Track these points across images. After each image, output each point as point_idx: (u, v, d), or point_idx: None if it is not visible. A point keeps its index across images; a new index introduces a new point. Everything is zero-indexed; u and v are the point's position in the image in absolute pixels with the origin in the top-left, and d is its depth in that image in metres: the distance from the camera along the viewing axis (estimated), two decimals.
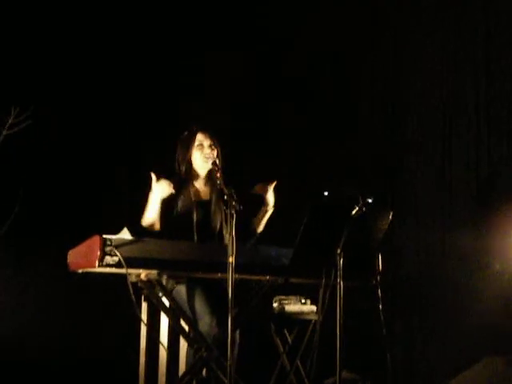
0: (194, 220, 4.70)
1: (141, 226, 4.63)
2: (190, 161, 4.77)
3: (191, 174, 4.78)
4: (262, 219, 4.80)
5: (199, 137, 4.78)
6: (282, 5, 6.56)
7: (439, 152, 6.43)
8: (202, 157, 4.74)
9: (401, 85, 6.60)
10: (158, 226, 4.60)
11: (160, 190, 4.49)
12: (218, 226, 4.74)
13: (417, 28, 6.53)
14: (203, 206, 4.77)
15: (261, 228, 4.81)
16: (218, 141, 4.82)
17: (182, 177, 4.78)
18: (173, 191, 4.55)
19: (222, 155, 4.79)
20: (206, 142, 4.78)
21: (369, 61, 6.62)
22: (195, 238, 4.66)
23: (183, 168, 4.78)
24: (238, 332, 4.45)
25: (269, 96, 6.48)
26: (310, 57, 6.55)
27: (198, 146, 4.77)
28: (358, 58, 6.58)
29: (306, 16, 6.53)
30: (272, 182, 4.77)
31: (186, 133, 4.84)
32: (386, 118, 6.64)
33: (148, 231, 4.60)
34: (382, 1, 6.61)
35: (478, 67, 6.25)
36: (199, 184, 4.82)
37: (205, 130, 4.80)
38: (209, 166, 4.71)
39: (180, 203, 4.71)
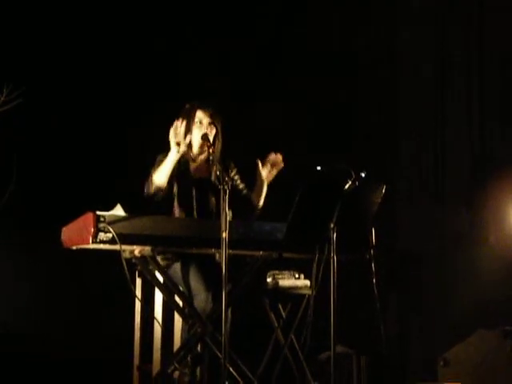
0: (194, 197, 4.69)
1: (144, 192, 4.61)
2: (188, 135, 4.72)
3: (188, 149, 4.75)
4: (259, 194, 4.79)
5: (199, 114, 4.74)
6: None
7: (433, 131, 6.44)
8: (199, 133, 4.71)
9: (397, 70, 6.61)
10: (163, 191, 4.57)
11: (178, 152, 4.47)
12: (215, 202, 4.72)
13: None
14: (202, 183, 4.76)
15: (261, 202, 4.80)
16: (219, 119, 4.78)
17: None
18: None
19: (223, 133, 4.76)
20: (206, 120, 4.75)
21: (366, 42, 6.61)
22: (195, 215, 4.66)
23: (181, 141, 4.74)
24: (229, 308, 4.45)
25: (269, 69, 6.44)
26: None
27: (197, 122, 4.74)
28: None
29: None
30: (268, 156, 4.75)
31: (186, 106, 4.79)
32: (381, 100, 6.65)
33: (146, 204, 4.59)
34: None
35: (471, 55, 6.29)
36: (198, 161, 4.80)
37: (205, 107, 4.75)
38: (201, 142, 4.69)
39: (180, 180, 4.69)
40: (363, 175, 4.24)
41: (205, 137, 4.63)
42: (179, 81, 6.08)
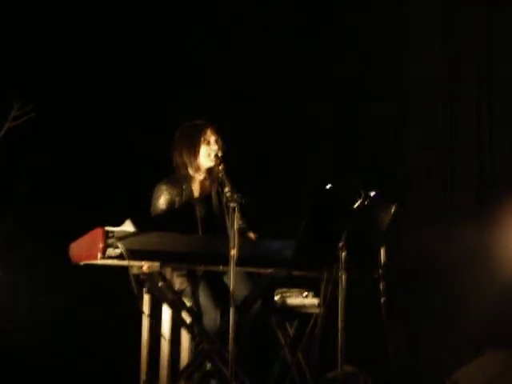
0: (198, 216, 4.70)
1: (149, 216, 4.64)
2: (197, 156, 4.75)
3: (193, 169, 4.77)
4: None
5: (207, 132, 4.76)
6: None
7: (441, 147, 6.43)
8: (208, 153, 4.73)
9: (404, 82, 6.61)
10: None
11: None
12: (221, 220, 4.73)
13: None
14: (205, 201, 4.77)
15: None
16: (221, 136, 4.81)
17: (181, 171, 4.77)
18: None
19: (224, 149, 4.78)
20: (213, 138, 4.77)
21: (372, 58, 6.60)
22: (200, 233, 4.66)
23: (186, 162, 4.76)
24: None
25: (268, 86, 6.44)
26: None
27: (204, 140, 4.76)
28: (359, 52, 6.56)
29: None
30: None
31: (188, 126, 4.82)
32: (388, 116, 6.64)
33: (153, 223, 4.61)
34: None
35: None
36: (200, 178, 4.81)
37: (212, 125, 4.78)
38: (212, 162, 4.70)
39: (182, 199, 4.70)
40: (372, 194, 4.24)
41: (217, 157, 4.64)
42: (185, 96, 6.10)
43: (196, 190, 4.79)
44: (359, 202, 4.23)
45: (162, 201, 4.68)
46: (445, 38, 6.44)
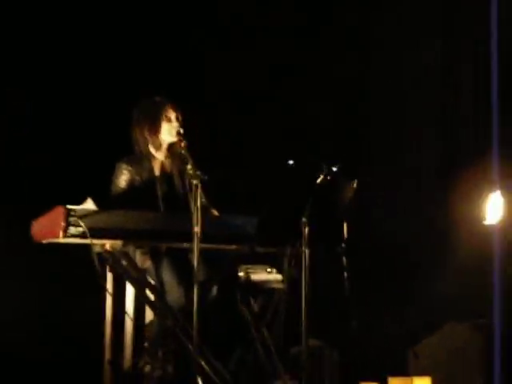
0: (159, 194, 4.68)
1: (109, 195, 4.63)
2: (158, 133, 4.73)
3: (154, 146, 4.75)
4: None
5: (168, 109, 4.74)
6: None
7: (407, 122, 6.47)
8: (170, 130, 4.70)
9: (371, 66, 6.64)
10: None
11: None
12: (182, 198, 4.72)
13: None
14: (166, 179, 4.75)
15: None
16: (181, 112, 4.79)
17: (142, 148, 4.74)
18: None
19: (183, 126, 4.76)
20: (174, 114, 4.74)
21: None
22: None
23: (147, 139, 4.73)
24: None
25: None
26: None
27: (165, 118, 4.73)
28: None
29: None
30: None
31: (147, 103, 4.78)
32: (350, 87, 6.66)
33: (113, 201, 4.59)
34: None
35: None
36: (160, 156, 4.79)
37: (172, 103, 4.76)
38: (174, 138, 4.68)
39: (142, 178, 4.68)
40: (335, 169, 4.25)
41: (180, 134, 4.62)
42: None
43: (157, 168, 4.76)
44: (322, 177, 4.24)
45: (122, 179, 4.65)
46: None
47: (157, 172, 4.75)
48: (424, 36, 6.44)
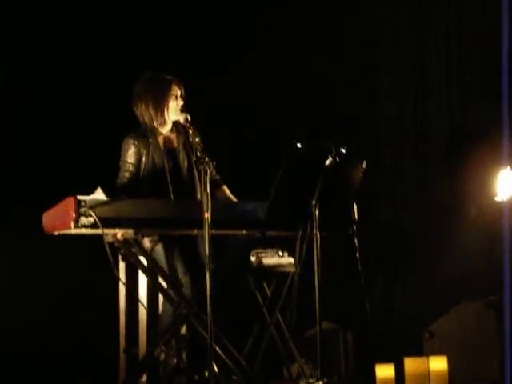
0: (166, 168, 4.68)
1: (116, 178, 4.64)
2: (164, 111, 4.72)
3: (159, 123, 4.74)
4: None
5: (174, 87, 4.73)
6: None
7: (413, 101, 6.45)
8: (176, 108, 4.71)
9: (375, 45, 6.61)
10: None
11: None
12: (186, 173, 4.72)
13: None
14: (172, 153, 4.75)
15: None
16: (184, 88, 4.79)
17: (146, 123, 4.74)
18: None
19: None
20: (179, 92, 4.74)
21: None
22: (169, 186, 4.64)
23: (152, 115, 4.72)
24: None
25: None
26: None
27: (172, 95, 4.73)
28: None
29: None
30: None
31: (152, 79, 4.76)
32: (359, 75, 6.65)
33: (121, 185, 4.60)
34: None
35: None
36: (165, 131, 4.79)
37: (178, 80, 4.75)
38: (179, 116, 4.68)
39: (149, 152, 4.68)
40: (343, 151, 4.24)
41: (186, 120, 4.63)
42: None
43: (161, 142, 4.76)
44: (330, 159, 4.23)
45: (130, 153, 4.66)
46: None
47: (162, 146, 4.75)
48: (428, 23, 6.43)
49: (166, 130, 4.79)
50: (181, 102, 4.72)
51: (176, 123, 4.78)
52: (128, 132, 4.72)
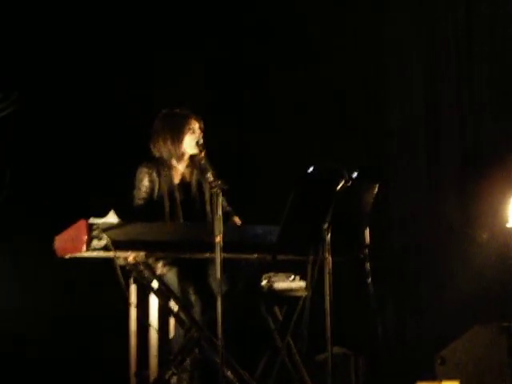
0: (177, 201, 4.70)
1: (130, 206, 4.65)
2: (181, 145, 4.75)
3: (176, 157, 4.77)
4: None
5: (191, 121, 4.77)
6: None
7: (425, 123, 6.45)
8: (193, 141, 4.73)
9: (384, 58, 6.62)
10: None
11: None
12: (199, 207, 4.73)
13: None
14: (185, 187, 4.77)
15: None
16: (203, 124, 4.82)
17: (164, 159, 4.76)
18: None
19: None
20: (196, 126, 4.77)
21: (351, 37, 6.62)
22: (181, 219, 4.67)
23: (171, 151, 4.75)
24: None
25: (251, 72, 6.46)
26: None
27: (189, 130, 4.76)
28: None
29: None
30: None
31: (171, 114, 4.80)
32: (369, 92, 6.65)
33: (136, 213, 4.61)
34: None
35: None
36: (181, 166, 4.81)
37: (196, 115, 4.79)
38: (195, 150, 4.71)
39: (162, 181, 4.70)
40: (355, 175, 4.24)
41: (202, 146, 4.66)
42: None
43: (176, 176, 4.79)
44: (342, 183, 4.23)
45: (144, 183, 4.69)
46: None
47: (176, 180, 4.78)
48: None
49: (181, 165, 4.82)
50: (197, 136, 4.74)
51: (192, 157, 4.80)
52: (142, 160, 4.74)
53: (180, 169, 4.82)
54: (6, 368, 5.43)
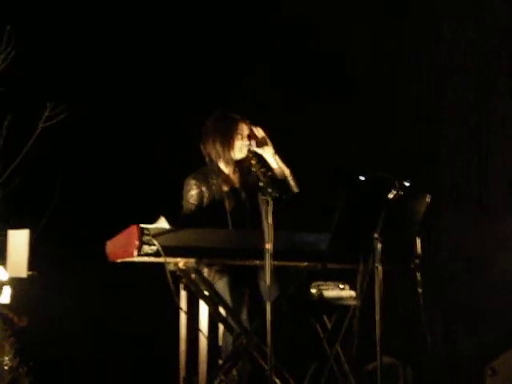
0: (227, 208, 4.70)
1: (180, 217, 4.67)
2: (230, 149, 4.76)
3: (224, 161, 4.78)
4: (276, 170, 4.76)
5: (241, 126, 4.77)
6: None
7: (475, 139, 6.41)
8: (242, 147, 4.74)
9: (436, 78, 6.59)
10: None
11: None
12: (250, 213, 4.74)
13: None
14: (234, 194, 4.77)
15: (286, 172, 4.75)
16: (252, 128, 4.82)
17: (211, 162, 4.78)
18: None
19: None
20: (246, 131, 4.78)
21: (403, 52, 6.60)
22: (230, 227, 4.66)
23: (219, 153, 4.76)
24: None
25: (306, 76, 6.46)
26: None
27: (238, 135, 4.76)
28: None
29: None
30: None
31: (221, 118, 4.81)
32: (421, 110, 6.63)
33: (185, 223, 4.62)
34: None
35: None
36: (229, 171, 4.82)
37: (246, 119, 4.79)
38: (244, 154, 4.71)
39: (211, 193, 4.71)
40: (407, 184, 4.22)
41: (250, 151, 4.67)
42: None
43: (224, 183, 4.78)
44: (394, 192, 4.21)
45: (192, 194, 4.70)
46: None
47: (225, 187, 4.78)
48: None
49: (229, 170, 4.81)
50: (247, 142, 4.74)
51: (240, 163, 4.80)
52: (190, 170, 4.76)
53: (228, 174, 4.81)
54: (56, 369, 5.48)
